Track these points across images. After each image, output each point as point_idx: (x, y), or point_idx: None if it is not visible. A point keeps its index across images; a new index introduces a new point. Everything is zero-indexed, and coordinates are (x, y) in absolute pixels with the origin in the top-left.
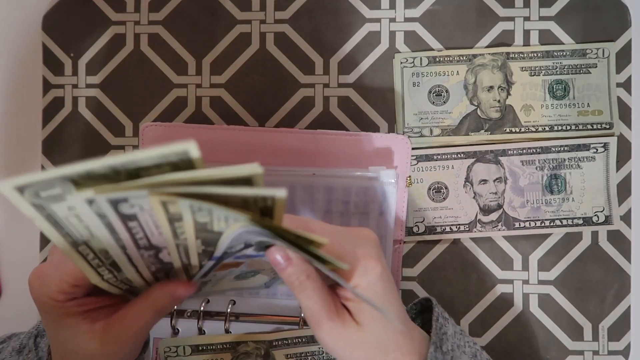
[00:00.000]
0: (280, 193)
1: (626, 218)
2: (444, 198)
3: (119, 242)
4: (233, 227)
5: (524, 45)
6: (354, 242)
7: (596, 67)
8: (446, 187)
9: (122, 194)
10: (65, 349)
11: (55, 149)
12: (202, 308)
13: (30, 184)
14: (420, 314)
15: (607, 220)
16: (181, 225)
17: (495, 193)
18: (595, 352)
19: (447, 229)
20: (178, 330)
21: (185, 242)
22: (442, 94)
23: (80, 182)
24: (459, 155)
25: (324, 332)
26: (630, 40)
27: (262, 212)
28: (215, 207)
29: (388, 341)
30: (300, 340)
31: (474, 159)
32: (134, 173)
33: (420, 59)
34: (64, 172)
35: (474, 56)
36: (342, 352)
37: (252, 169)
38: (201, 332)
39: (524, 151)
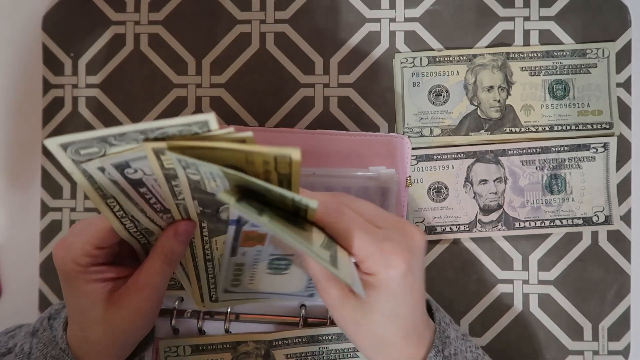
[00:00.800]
0: (296, 154)
1: (626, 218)
2: (444, 198)
3: (138, 207)
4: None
5: (524, 45)
6: (391, 234)
7: (596, 67)
8: (446, 187)
9: (121, 156)
10: (85, 318)
11: None
12: None
13: (72, 142)
14: None
15: (607, 220)
16: (178, 183)
17: (495, 193)
18: (595, 352)
19: (447, 229)
20: (178, 330)
21: (184, 202)
22: (442, 94)
23: (115, 143)
24: (459, 155)
25: (325, 300)
26: (630, 40)
27: (280, 181)
28: (200, 162)
29: (385, 340)
30: (300, 340)
31: (474, 159)
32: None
33: (420, 59)
34: (101, 134)
35: (474, 56)
36: (349, 330)
37: (245, 134)
38: (201, 332)
39: (524, 151)
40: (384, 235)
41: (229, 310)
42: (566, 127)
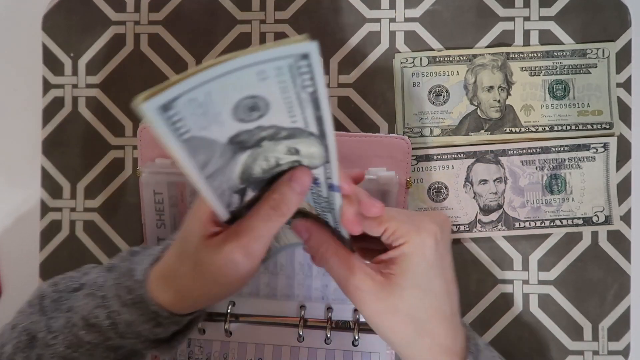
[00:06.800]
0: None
1: (626, 218)
2: (444, 198)
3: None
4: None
5: (524, 45)
6: (417, 213)
7: (596, 67)
8: (446, 187)
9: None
10: (186, 246)
11: (55, 149)
12: None
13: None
14: None
15: (607, 220)
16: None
17: (495, 193)
18: (595, 352)
19: None
20: None
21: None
22: (442, 94)
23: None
24: (459, 155)
25: (353, 298)
26: (630, 40)
27: None
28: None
29: (424, 321)
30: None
31: (474, 159)
32: None
33: (420, 59)
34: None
35: (474, 56)
36: (373, 319)
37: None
38: (201, 332)
39: (524, 151)
40: (411, 212)
41: (228, 311)
42: (566, 127)
